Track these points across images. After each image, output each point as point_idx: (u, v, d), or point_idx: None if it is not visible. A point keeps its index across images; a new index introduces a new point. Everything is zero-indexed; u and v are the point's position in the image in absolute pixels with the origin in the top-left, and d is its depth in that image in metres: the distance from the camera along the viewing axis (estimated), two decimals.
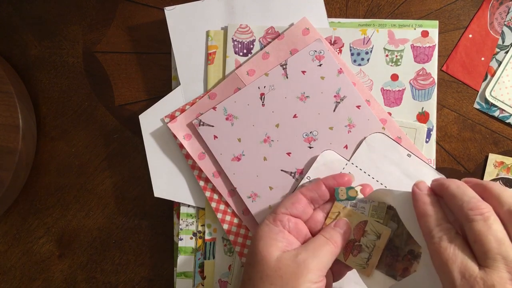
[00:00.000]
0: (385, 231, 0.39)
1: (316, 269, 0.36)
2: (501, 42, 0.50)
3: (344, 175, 0.42)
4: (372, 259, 0.39)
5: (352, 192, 0.41)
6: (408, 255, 0.39)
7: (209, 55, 0.51)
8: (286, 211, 0.40)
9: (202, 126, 0.49)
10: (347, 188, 0.41)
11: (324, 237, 0.38)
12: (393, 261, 0.39)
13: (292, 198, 0.41)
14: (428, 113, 0.49)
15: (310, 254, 0.36)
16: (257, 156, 0.48)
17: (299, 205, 0.40)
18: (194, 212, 0.51)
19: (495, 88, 0.50)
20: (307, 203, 0.41)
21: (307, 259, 0.36)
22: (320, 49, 0.48)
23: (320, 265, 0.36)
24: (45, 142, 0.54)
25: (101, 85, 0.54)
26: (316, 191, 0.41)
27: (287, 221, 0.39)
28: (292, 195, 0.41)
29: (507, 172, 0.49)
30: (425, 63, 0.49)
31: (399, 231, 0.40)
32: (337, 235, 0.39)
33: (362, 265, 0.39)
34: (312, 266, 0.36)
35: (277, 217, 0.40)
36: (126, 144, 0.54)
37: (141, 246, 0.54)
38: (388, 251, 0.40)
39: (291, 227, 0.39)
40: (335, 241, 0.38)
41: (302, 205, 0.40)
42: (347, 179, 0.42)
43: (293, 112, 0.49)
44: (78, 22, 0.54)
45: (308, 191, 0.41)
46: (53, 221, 0.55)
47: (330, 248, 0.38)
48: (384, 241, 0.39)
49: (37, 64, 0.55)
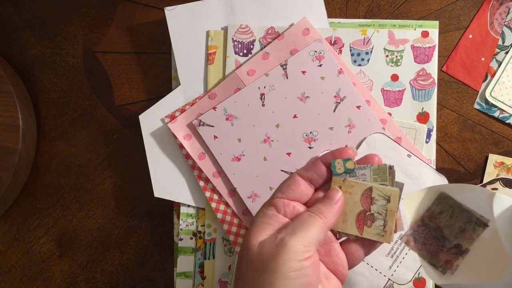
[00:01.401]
0: (394, 192, 0.37)
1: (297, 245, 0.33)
2: (501, 43, 0.50)
3: (346, 149, 0.38)
4: (388, 224, 0.37)
5: (349, 164, 0.38)
6: (454, 248, 0.37)
7: (209, 55, 0.51)
8: (282, 195, 0.37)
9: (202, 126, 0.49)
10: (344, 160, 0.38)
11: (308, 212, 0.36)
12: (437, 251, 0.37)
13: (288, 180, 0.38)
14: (428, 113, 0.49)
15: (289, 232, 0.34)
16: (257, 156, 0.48)
17: (296, 188, 0.37)
18: (194, 212, 0.51)
19: (495, 88, 0.50)
20: (306, 184, 0.38)
21: (285, 237, 0.33)
22: (320, 49, 0.48)
23: (301, 240, 0.33)
24: (45, 142, 0.54)
25: (101, 85, 0.54)
26: (314, 170, 0.38)
27: (283, 206, 0.37)
28: (289, 178, 0.38)
29: (507, 173, 0.49)
30: (425, 63, 0.49)
31: (451, 221, 0.38)
32: (324, 206, 0.36)
33: (379, 233, 0.37)
34: (292, 243, 0.33)
35: (272, 202, 0.37)
36: (126, 144, 0.54)
37: (141, 246, 0.54)
38: (434, 239, 0.38)
39: (288, 211, 0.37)
40: (321, 212, 0.36)
41: (300, 187, 0.37)
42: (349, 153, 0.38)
43: (293, 112, 0.49)
44: (78, 22, 0.54)
45: (305, 172, 0.38)
46: (53, 221, 0.55)
47: (314, 221, 0.35)
48: (395, 202, 0.37)
49: (37, 64, 0.55)
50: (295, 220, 0.35)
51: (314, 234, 0.34)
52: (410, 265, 0.47)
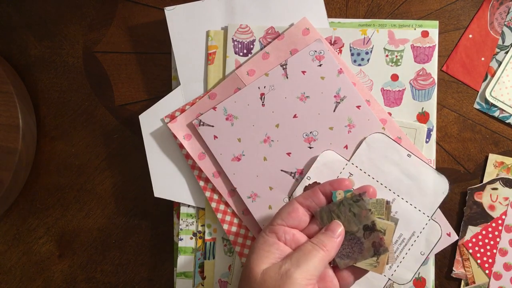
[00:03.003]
0: (389, 226, 0.39)
1: (301, 278, 0.34)
2: (501, 42, 0.50)
3: (343, 180, 0.40)
4: (381, 256, 0.39)
5: (350, 195, 0.40)
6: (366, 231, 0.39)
7: (209, 55, 0.51)
8: (282, 222, 0.39)
9: (202, 126, 0.49)
10: (345, 191, 0.40)
11: (311, 243, 0.37)
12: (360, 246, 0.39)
13: (288, 207, 0.39)
14: (428, 113, 0.49)
15: (293, 263, 0.35)
16: (257, 156, 0.48)
17: (296, 215, 0.39)
18: (194, 212, 0.51)
19: (495, 88, 0.50)
20: (304, 211, 0.40)
21: (290, 269, 0.35)
22: (320, 49, 0.48)
23: (305, 273, 0.35)
24: (45, 142, 0.54)
25: (101, 85, 0.54)
26: (312, 199, 0.40)
27: (283, 233, 0.38)
28: (288, 205, 0.40)
29: (507, 172, 0.49)
30: (425, 63, 0.49)
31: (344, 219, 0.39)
32: (327, 238, 0.38)
33: (373, 264, 0.39)
34: (296, 275, 0.34)
35: (273, 229, 0.38)
36: (126, 144, 0.54)
37: (141, 246, 0.54)
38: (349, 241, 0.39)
39: (288, 239, 0.38)
40: (324, 245, 0.37)
41: (299, 215, 0.39)
42: (347, 183, 0.40)
43: (293, 112, 0.49)
44: (78, 22, 0.54)
45: (305, 200, 0.40)
46: (53, 221, 0.55)
47: (317, 253, 0.36)
48: (390, 236, 0.39)
49: (37, 64, 0.55)
50: (299, 251, 0.37)
51: (316, 266, 0.36)
52: (410, 265, 0.47)
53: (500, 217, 0.49)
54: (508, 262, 0.48)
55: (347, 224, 0.39)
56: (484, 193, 0.49)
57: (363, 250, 0.39)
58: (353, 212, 0.39)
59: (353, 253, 0.39)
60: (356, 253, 0.39)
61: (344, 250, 0.39)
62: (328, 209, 0.39)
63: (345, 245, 0.39)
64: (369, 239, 0.39)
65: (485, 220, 0.49)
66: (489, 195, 0.49)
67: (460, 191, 0.51)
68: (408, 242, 0.47)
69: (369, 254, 0.39)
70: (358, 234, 0.39)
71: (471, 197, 0.50)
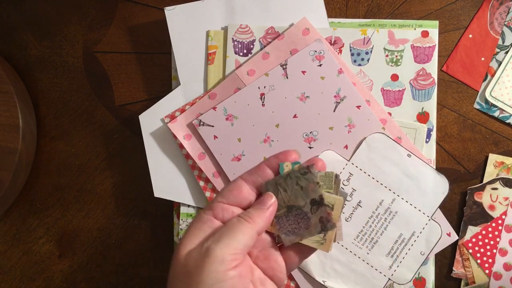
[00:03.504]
0: (338, 201, 0.36)
1: (224, 254, 0.31)
2: (501, 42, 0.50)
3: (289, 152, 0.36)
4: (328, 233, 0.36)
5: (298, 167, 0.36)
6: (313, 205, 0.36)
7: (209, 55, 0.51)
8: (222, 200, 0.35)
9: (202, 126, 0.49)
10: (292, 163, 0.36)
11: (237, 217, 0.34)
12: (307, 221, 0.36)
13: (230, 185, 0.36)
14: (428, 113, 0.49)
15: (215, 239, 0.32)
16: (257, 156, 0.48)
17: (237, 193, 0.35)
18: (194, 212, 0.51)
19: (495, 88, 0.50)
20: (248, 189, 0.35)
21: (210, 245, 0.31)
22: (320, 49, 0.48)
23: (226, 248, 0.31)
24: (45, 142, 0.55)
25: (101, 85, 0.54)
26: (258, 174, 0.36)
27: (221, 210, 0.34)
28: (232, 182, 0.36)
29: (507, 172, 0.49)
30: (425, 63, 0.49)
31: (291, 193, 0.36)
32: (255, 211, 0.34)
33: (319, 241, 0.36)
34: (217, 252, 0.31)
35: (211, 206, 0.35)
36: (126, 144, 0.54)
37: (141, 246, 0.54)
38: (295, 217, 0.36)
39: (226, 217, 0.34)
40: (250, 216, 0.33)
41: (242, 193, 0.35)
42: (294, 156, 0.36)
43: (293, 112, 0.49)
44: (78, 22, 0.54)
45: (249, 175, 0.36)
46: (53, 221, 0.55)
47: (241, 226, 0.33)
48: (338, 211, 0.36)
49: (37, 64, 0.55)
50: (223, 226, 0.33)
51: (241, 240, 0.32)
52: (410, 265, 0.47)
53: (500, 217, 0.49)
54: (508, 262, 0.48)
55: (293, 198, 0.36)
56: (484, 193, 0.49)
57: (309, 226, 0.36)
58: (300, 185, 0.36)
59: (299, 229, 0.36)
60: (302, 229, 0.36)
61: (290, 226, 0.36)
62: (274, 182, 0.36)
63: (291, 220, 0.36)
64: (316, 214, 0.36)
65: (485, 220, 0.49)
66: (489, 195, 0.49)
67: (460, 191, 0.51)
68: (408, 242, 0.47)
69: (316, 230, 0.36)
70: (305, 209, 0.36)
71: (471, 197, 0.50)
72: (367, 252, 0.47)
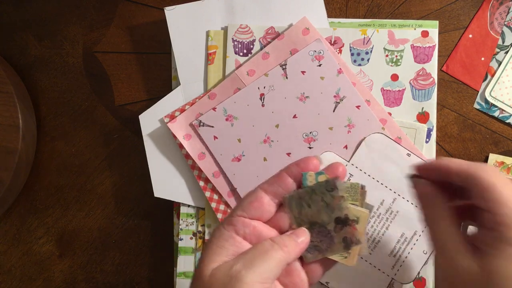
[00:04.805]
0: (363, 214, 0.35)
1: (254, 282, 0.29)
2: (501, 42, 0.50)
3: (310, 159, 0.34)
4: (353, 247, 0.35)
5: (322, 178, 0.34)
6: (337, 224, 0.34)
7: (209, 55, 0.51)
8: (242, 213, 0.33)
9: (202, 126, 0.49)
10: (316, 173, 0.35)
11: (271, 241, 0.32)
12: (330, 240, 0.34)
13: (250, 196, 0.34)
14: (428, 113, 0.49)
15: (246, 264, 0.30)
16: (257, 156, 0.48)
17: (258, 205, 0.33)
18: (194, 212, 0.51)
19: (495, 88, 0.50)
20: (269, 200, 0.34)
21: (241, 270, 0.29)
22: (320, 49, 0.48)
23: (259, 276, 0.30)
24: (45, 142, 0.55)
25: (101, 85, 0.54)
26: (279, 184, 0.34)
27: (242, 226, 0.32)
28: (251, 192, 0.34)
29: (508, 172, 0.49)
30: (425, 63, 0.49)
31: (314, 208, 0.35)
32: (290, 241, 0.32)
33: (343, 254, 0.35)
34: (248, 279, 0.29)
35: (231, 221, 0.33)
36: (126, 144, 0.54)
37: (141, 246, 0.54)
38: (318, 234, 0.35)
39: (247, 233, 0.32)
40: (285, 244, 0.32)
41: (262, 205, 0.33)
42: (315, 163, 0.34)
43: (293, 112, 0.49)
44: (78, 22, 0.54)
45: (270, 186, 0.34)
46: (53, 221, 0.55)
47: (275, 253, 0.31)
48: (363, 226, 0.34)
49: (37, 64, 0.55)
50: (255, 249, 0.31)
51: (272, 269, 0.31)
52: (413, 264, 0.47)
53: None
54: None
55: (317, 214, 0.35)
56: None
57: (333, 244, 0.35)
58: (326, 202, 0.35)
59: (322, 246, 0.35)
60: (325, 247, 0.35)
61: (312, 243, 0.35)
62: (298, 196, 0.34)
63: (314, 237, 0.35)
64: (340, 233, 0.34)
65: None
66: None
67: None
68: (411, 241, 0.47)
69: (339, 249, 0.35)
70: (329, 227, 0.34)
71: None
72: (369, 252, 0.47)
